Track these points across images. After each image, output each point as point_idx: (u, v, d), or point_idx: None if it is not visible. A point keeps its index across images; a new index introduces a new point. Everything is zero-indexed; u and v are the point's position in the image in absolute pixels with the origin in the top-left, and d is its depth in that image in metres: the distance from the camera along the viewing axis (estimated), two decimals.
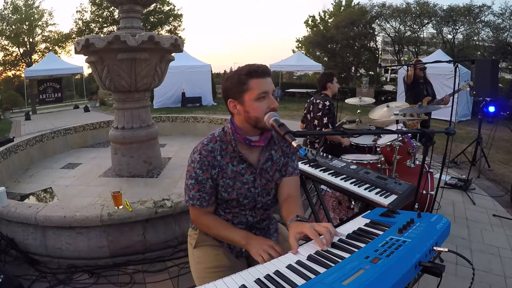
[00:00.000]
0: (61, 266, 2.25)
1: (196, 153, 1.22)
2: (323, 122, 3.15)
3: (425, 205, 2.64)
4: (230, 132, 1.22)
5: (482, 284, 2.08)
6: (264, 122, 1.14)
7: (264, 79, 1.15)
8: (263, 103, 1.14)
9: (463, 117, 9.04)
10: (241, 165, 1.23)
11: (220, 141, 1.23)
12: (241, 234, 1.18)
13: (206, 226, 1.27)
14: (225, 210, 1.30)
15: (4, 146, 3.75)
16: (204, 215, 1.26)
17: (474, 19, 14.97)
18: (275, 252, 1.02)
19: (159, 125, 4.60)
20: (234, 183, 1.23)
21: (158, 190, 3.26)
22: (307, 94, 15.95)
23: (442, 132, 1.47)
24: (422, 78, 4.03)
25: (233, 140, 1.21)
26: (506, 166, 4.82)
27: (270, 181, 1.29)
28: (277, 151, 1.31)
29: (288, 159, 1.33)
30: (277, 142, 1.31)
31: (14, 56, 19.72)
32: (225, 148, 1.23)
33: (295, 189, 1.31)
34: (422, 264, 0.78)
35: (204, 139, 1.25)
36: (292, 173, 1.32)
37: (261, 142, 1.23)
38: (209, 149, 1.21)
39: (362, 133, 3.62)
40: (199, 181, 1.20)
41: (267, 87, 1.15)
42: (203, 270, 1.28)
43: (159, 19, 22.18)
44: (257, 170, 1.25)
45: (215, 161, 1.21)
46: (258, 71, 1.14)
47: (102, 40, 2.96)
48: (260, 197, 1.28)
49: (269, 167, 1.28)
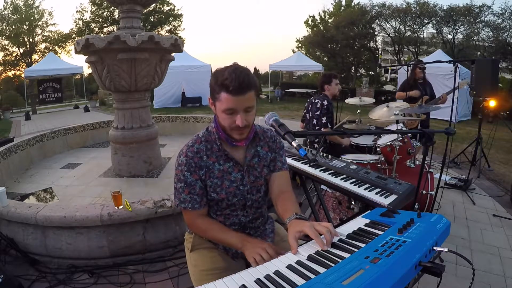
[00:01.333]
0: (61, 266, 2.25)
1: (182, 155, 1.21)
2: (321, 122, 3.15)
3: (425, 205, 2.64)
4: (214, 131, 1.21)
5: (482, 284, 2.08)
6: (230, 133, 1.15)
7: (235, 97, 1.06)
8: (230, 117, 1.11)
9: (463, 117, 9.05)
10: (228, 164, 1.22)
11: (205, 141, 1.22)
12: (237, 236, 1.18)
13: (202, 230, 1.25)
14: (216, 213, 1.28)
15: (4, 146, 3.75)
16: (199, 218, 1.24)
17: (474, 19, 14.96)
18: (267, 254, 1.01)
19: (159, 125, 4.60)
20: (222, 182, 1.21)
21: (158, 190, 3.26)
22: (307, 94, 15.97)
23: (442, 132, 1.47)
24: (421, 79, 4.05)
25: (218, 139, 1.21)
26: (506, 166, 4.82)
27: (259, 178, 1.27)
28: (263, 147, 1.29)
29: (276, 154, 1.32)
30: (262, 138, 1.30)
31: (14, 56, 19.76)
32: (210, 147, 1.22)
33: (286, 184, 1.30)
34: (422, 264, 0.78)
35: (189, 141, 1.24)
36: (281, 168, 1.31)
37: (243, 142, 1.22)
38: (194, 150, 1.20)
39: (362, 133, 3.62)
40: (188, 184, 1.19)
41: (236, 105, 1.08)
42: (200, 272, 1.28)
43: (159, 19, 22.20)
44: (244, 168, 1.24)
45: (202, 162, 1.20)
46: (229, 87, 1.05)
47: (102, 40, 2.97)
48: (250, 195, 1.26)
49: (256, 163, 1.27)
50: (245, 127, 1.13)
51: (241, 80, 1.05)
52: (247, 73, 1.09)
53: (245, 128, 1.13)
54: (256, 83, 1.14)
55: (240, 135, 1.16)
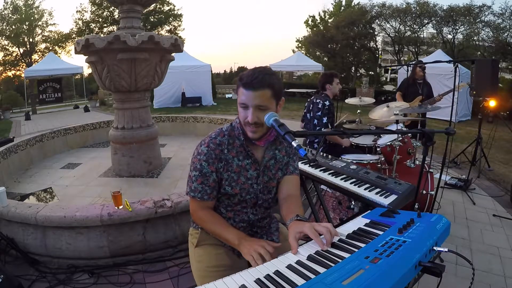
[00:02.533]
0: (61, 266, 2.24)
1: (203, 145, 1.22)
2: (322, 122, 3.15)
3: (425, 205, 2.64)
4: (238, 127, 1.23)
5: (482, 284, 2.08)
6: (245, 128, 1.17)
7: (247, 91, 1.10)
8: (243, 111, 1.15)
9: (463, 117, 9.05)
10: (247, 160, 1.24)
11: (228, 135, 1.24)
12: (234, 233, 1.17)
13: (203, 220, 1.26)
14: (227, 208, 1.30)
15: (4, 146, 3.75)
16: (203, 209, 1.26)
17: (474, 19, 14.96)
18: (265, 251, 1.00)
19: (159, 125, 4.60)
20: (238, 178, 1.23)
21: (158, 190, 3.26)
22: (307, 94, 15.96)
23: (442, 132, 1.47)
24: (421, 79, 4.06)
25: (241, 133, 1.22)
26: (506, 166, 4.82)
27: (272, 179, 1.30)
28: (280, 150, 1.32)
29: (290, 158, 1.35)
30: (281, 142, 1.33)
31: (14, 56, 19.72)
32: (232, 142, 1.23)
33: (295, 188, 1.32)
34: (422, 264, 0.78)
35: (212, 133, 1.26)
36: (292, 172, 1.34)
37: (262, 142, 1.23)
38: (217, 142, 1.21)
39: (362, 133, 3.62)
40: (203, 174, 1.21)
41: (247, 100, 1.11)
42: (204, 269, 1.29)
43: (159, 19, 22.18)
44: (261, 167, 1.26)
45: (222, 155, 1.21)
46: (244, 80, 1.11)
47: (102, 40, 2.97)
48: (262, 194, 1.29)
49: (272, 165, 1.29)
50: (256, 125, 1.14)
51: (255, 76, 1.10)
52: (264, 72, 1.12)
53: (257, 126, 1.14)
54: (274, 84, 1.12)
55: (253, 133, 1.17)
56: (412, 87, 4.13)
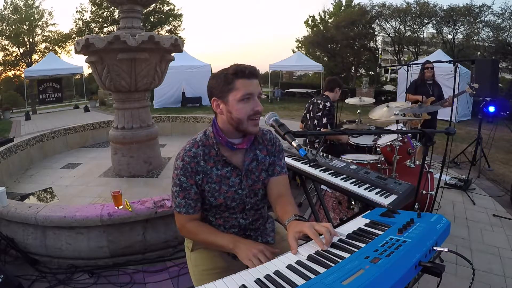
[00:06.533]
0: (61, 266, 2.25)
1: (179, 159, 1.19)
2: (322, 122, 3.15)
3: (425, 205, 2.64)
4: (212, 136, 1.20)
5: (482, 284, 2.08)
6: (246, 126, 1.14)
7: (250, 81, 1.12)
8: (247, 104, 1.12)
9: (463, 117, 9.05)
10: (226, 169, 1.21)
11: (202, 146, 1.20)
12: (228, 238, 1.15)
13: (192, 233, 1.24)
14: (215, 216, 1.28)
15: (4, 146, 3.75)
16: (189, 222, 1.22)
17: (474, 19, 14.96)
18: (265, 257, 0.99)
19: (159, 125, 4.61)
20: (220, 187, 1.20)
21: (158, 190, 3.26)
22: (307, 94, 15.97)
23: (442, 132, 1.47)
24: (430, 79, 4.05)
25: (216, 143, 1.19)
26: (506, 166, 4.82)
27: (257, 182, 1.26)
28: (261, 150, 1.28)
29: (275, 158, 1.31)
30: (261, 140, 1.29)
31: (14, 56, 19.71)
32: (208, 152, 1.20)
33: (285, 188, 1.29)
34: (422, 264, 0.78)
35: (186, 145, 1.22)
36: (280, 172, 1.30)
37: (244, 144, 1.21)
38: (191, 155, 1.18)
39: (362, 133, 3.62)
40: (183, 188, 1.18)
41: (253, 89, 1.12)
42: (201, 272, 1.28)
43: (159, 19, 22.17)
44: (243, 172, 1.22)
45: (199, 167, 1.18)
46: (245, 71, 1.11)
47: (102, 40, 2.96)
48: (248, 198, 1.25)
49: (254, 167, 1.25)
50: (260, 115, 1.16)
51: (249, 66, 1.14)
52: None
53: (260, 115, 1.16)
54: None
55: (256, 126, 1.16)
56: (422, 87, 4.07)
